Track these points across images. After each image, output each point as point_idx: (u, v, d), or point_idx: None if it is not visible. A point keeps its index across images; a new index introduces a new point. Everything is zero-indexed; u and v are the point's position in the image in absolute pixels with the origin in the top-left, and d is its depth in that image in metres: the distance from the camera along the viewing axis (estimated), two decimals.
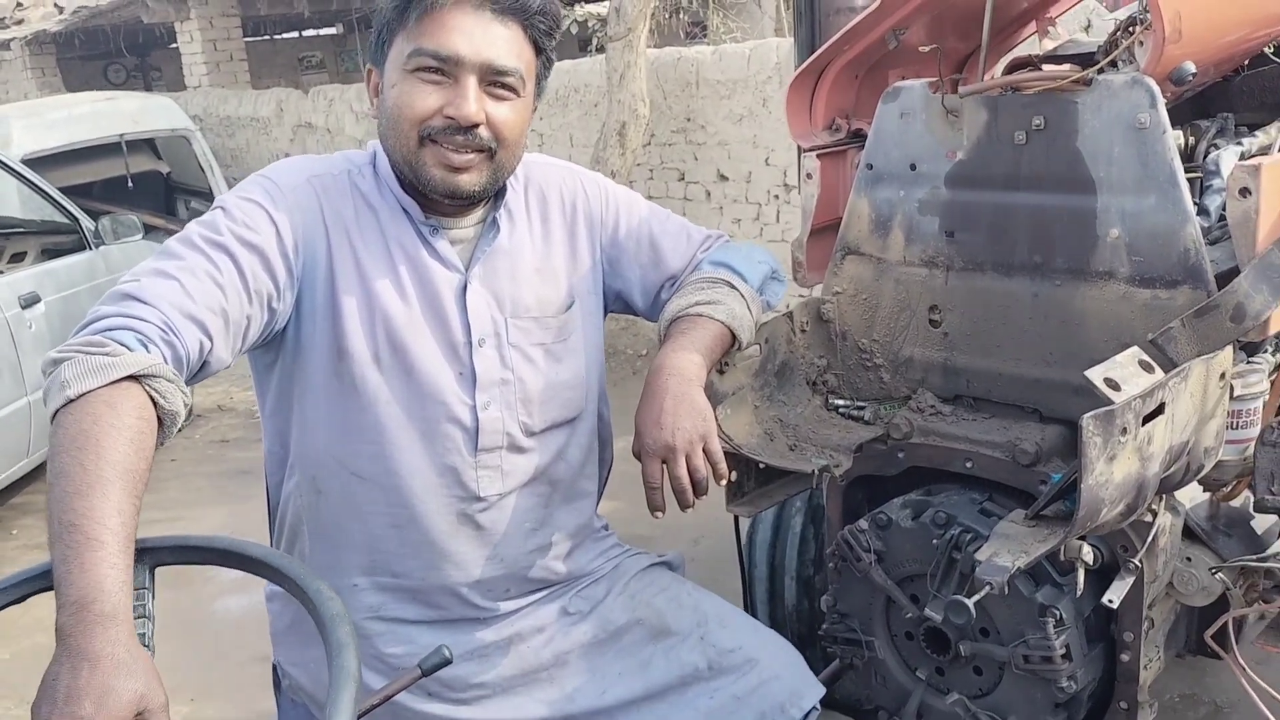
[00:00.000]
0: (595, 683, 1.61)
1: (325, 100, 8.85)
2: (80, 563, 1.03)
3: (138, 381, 1.18)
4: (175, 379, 1.22)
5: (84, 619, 1.00)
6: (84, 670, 0.97)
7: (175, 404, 1.21)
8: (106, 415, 1.13)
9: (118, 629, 1.00)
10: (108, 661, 0.98)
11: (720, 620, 1.67)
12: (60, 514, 1.06)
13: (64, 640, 1.00)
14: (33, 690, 1.01)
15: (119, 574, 1.04)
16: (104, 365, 1.16)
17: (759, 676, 1.62)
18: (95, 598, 1.01)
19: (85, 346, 1.19)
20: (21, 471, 4.55)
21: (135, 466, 1.12)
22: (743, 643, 1.64)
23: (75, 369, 1.16)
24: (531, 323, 1.56)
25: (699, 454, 1.46)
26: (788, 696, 1.62)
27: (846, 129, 2.10)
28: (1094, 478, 1.36)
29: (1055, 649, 1.66)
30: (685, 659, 1.62)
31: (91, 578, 1.02)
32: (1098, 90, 1.64)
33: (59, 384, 1.16)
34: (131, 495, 1.10)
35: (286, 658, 1.63)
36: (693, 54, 6.15)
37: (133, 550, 1.07)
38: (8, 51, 13.00)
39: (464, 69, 1.40)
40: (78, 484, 1.08)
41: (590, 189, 1.68)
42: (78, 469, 1.09)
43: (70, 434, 1.12)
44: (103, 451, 1.10)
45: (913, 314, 1.91)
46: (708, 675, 1.62)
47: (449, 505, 1.52)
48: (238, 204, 1.41)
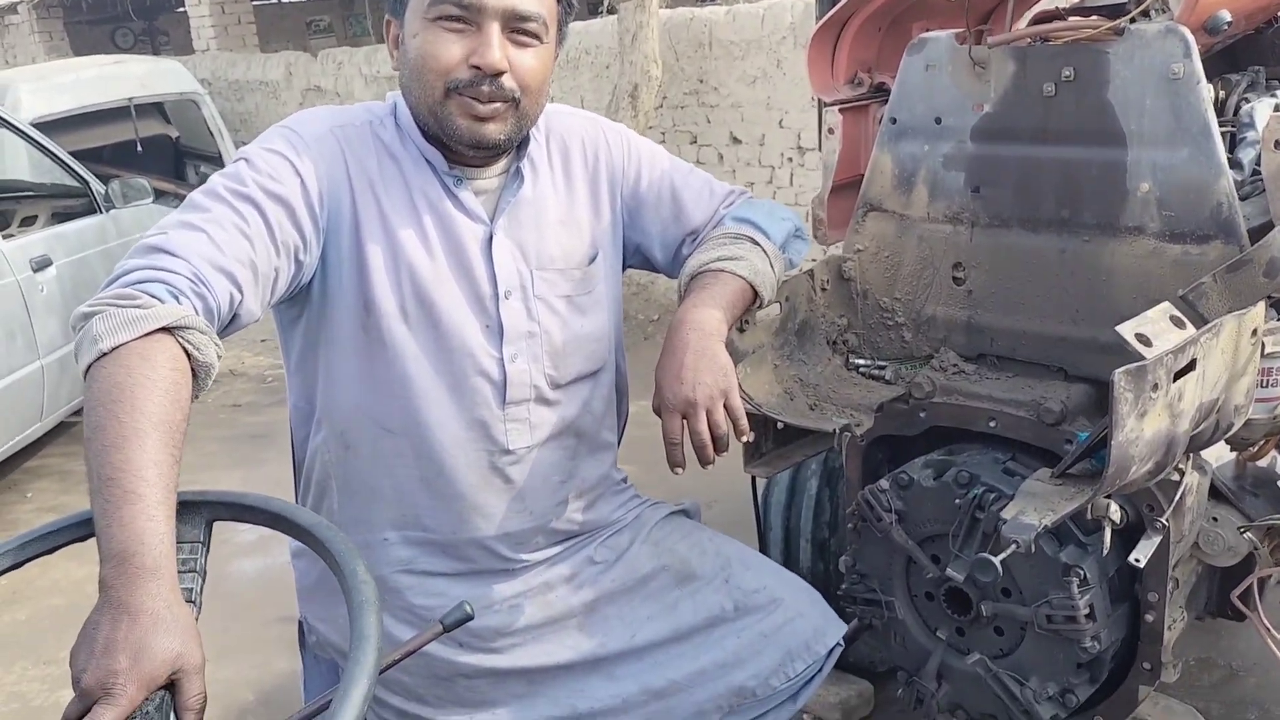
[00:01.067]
0: (625, 627, 1.62)
1: (334, 64, 8.79)
2: (119, 516, 1.02)
3: (170, 333, 1.16)
4: (208, 330, 1.20)
5: (126, 572, 0.99)
6: (123, 623, 0.96)
7: (209, 355, 1.19)
8: (140, 367, 1.11)
9: (159, 583, 0.99)
10: (147, 617, 0.97)
11: (743, 562, 1.69)
12: (98, 468, 1.05)
13: (106, 592, 0.99)
14: (50, 650, 1.01)
15: (159, 526, 1.02)
16: (136, 318, 1.14)
17: (784, 615, 1.65)
18: (136, 550, 1.00)
19: (116, 299, 1.17)
20: (35, 435, 4.56)
21: (171, 418, 1.10)
22: (766, 583, 1.67)
23: (107, 322, 1.14)
24: (556, 274, 1.54)
25: (720, 409, 1.45)
26: (812, 634, 1.66)
27: (869, 83, 2.06)
28: (1124, 434, 1.33)
29: (1079, 609, 1.65)
30: (711, 601, 1.64)
31: (131, 531, 1.01)
32: (1130, 40, 1.61)
33: (90, 338, 1.14)
34: (169, 446, 1.08)
35: (313, 613, 1.63)
36: (706, 14, 6.07)
37: (173, 502, 1.06)
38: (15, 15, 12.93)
39: (486, 16, 1.38)
40: (113, 437, 1.06)
41: (613, 139, 1.65)
42: (113, 422, 1.07)
43: (104, 388, 1.10)
44: (138, 404, 1.09)
45: (936, 271, 1.89)
46: (733, 616, 1.64)
47: (479, 458, 1.51)
48: (261, 155, 1.39)
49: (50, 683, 3.21)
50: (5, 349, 4.21)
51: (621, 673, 1.61)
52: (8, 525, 4.36)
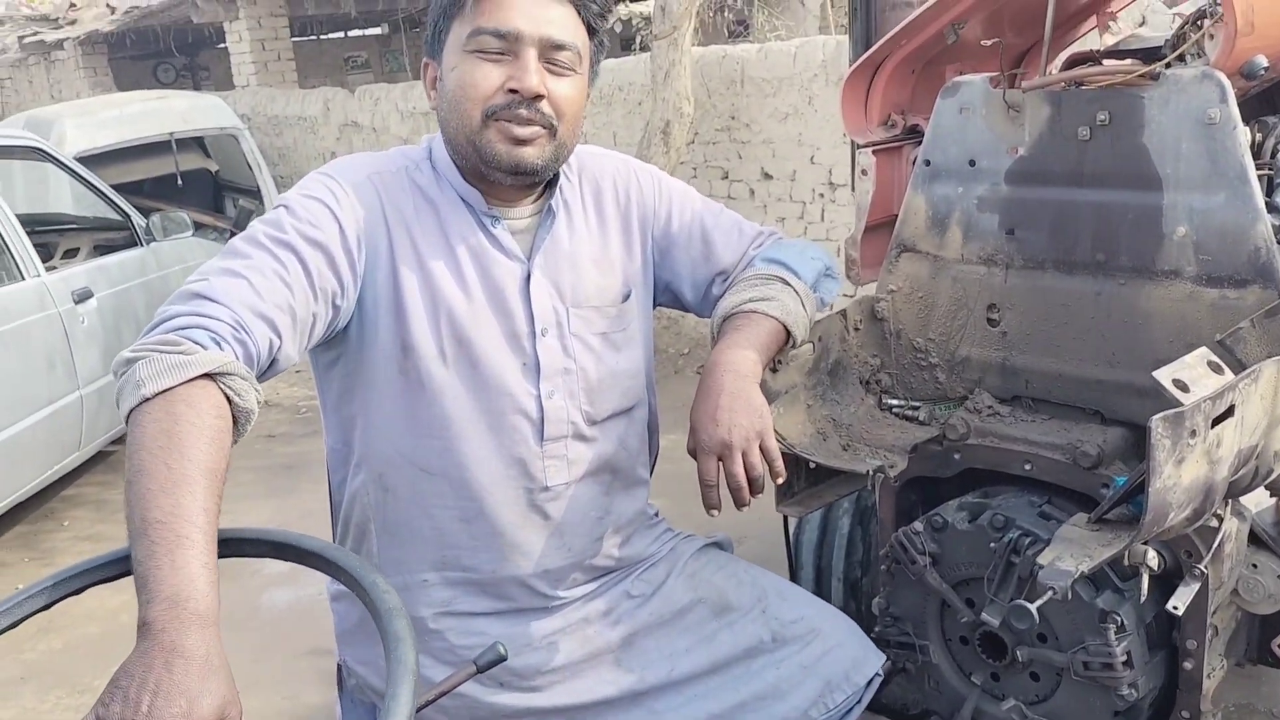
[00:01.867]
0: (663, 660, 1.62)
1: (371, 99, 8.92)
2: (171, 559, 1.02)
3: (213, 380, 1.18)
4: (249, 377, 1.22)
5: (178, 615, 0.98)
6: (178, 667, 0.95)
7: (249, 402, 1.21)
8: (187, 414, 1.13)
9: (212, 630, 0.99)
10: (201, 663, 0.96)
11: (779, 593, 1.69)
12: (144, 510, 1.05)
13: (154, 635, 0.97)
14: (85, 679, 1.00)
15: (210, 574, 1.03)
16: (180, 364, 1.16)
17: (822, 645, 1.64)
18: (190, 595, 1.00)
19: (160, 345, 1.18)
20: (73, 464, 4.62)
21: (216, 465, 1.12)
22: (803, 614, 1.67)
23: (151, 368, 1.15)
24: (592, 312, 1.56)
25: (755, 451, 1.45)
26: (851, 664, 1.64)
27: (902, 125, 2.07)
28: (1162, 481, 1.32)
29: (1116, 655, 1.63)
30: (749, 632, 1.64)
31: (184, 575, 1.01)
32: (1166, 84, 1.61)
33: (134, 383, 1.15)
34: (214, 494, 1.09)
35: (354, 656, 1.63)
36: (738, 52, 6.12)
37: (215, 550, 1.06)
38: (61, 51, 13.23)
39: (524, 44, 1.41)
40: (162, 482, 1.07)
41: (644, 180, 1.67)
42: (162, 468, 1.08)
43: (150, 433, 1.11)
44: (185, 450, 1.10)
45: (970, 313, 1.88)
46: (772, 647, 1.64)
47: (518, 496, 1.52)
48: (301, 202, 1.42)
49: (84, 711, 3.23)
50: (46, 379, 4.28)
51: (662, 706, 1.61)
52: (45, 554, 4.41)
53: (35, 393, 4.21)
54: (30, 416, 4.15)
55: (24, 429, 4.10)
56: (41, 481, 4.36)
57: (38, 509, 4.79)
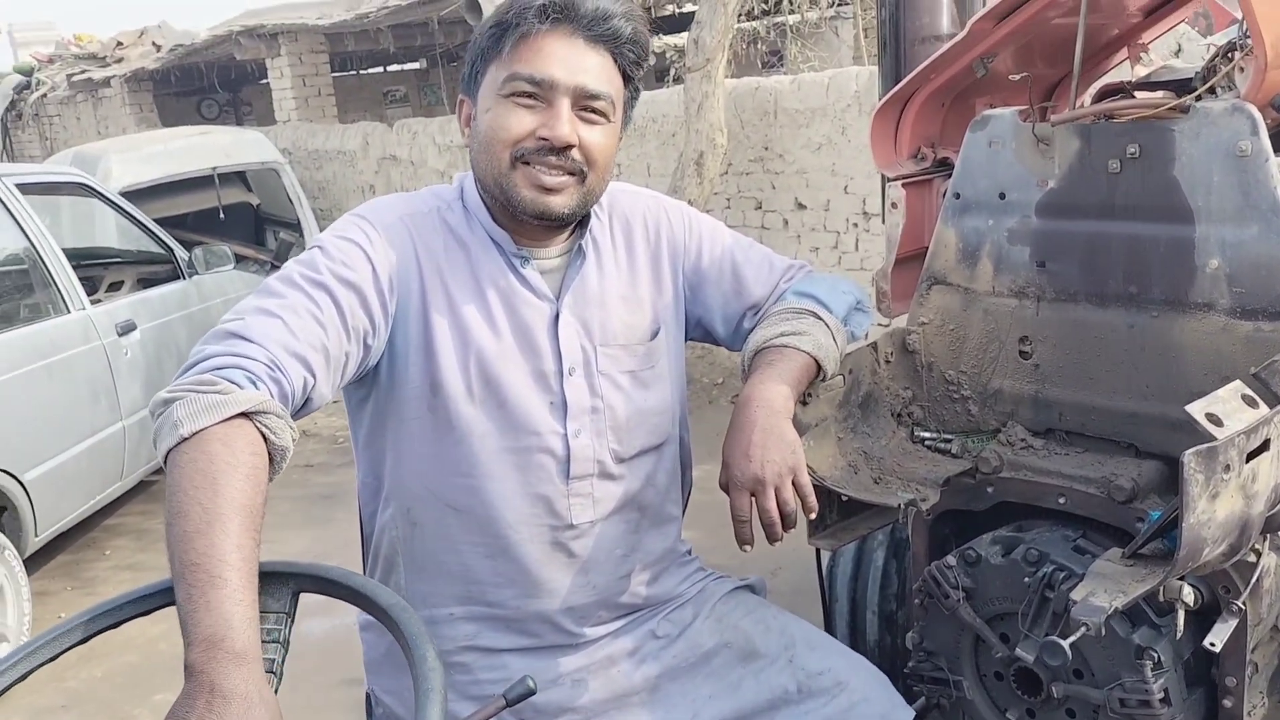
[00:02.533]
0: (686, 706, 1.60)
1: (409, 133, 9.04)
2: (205, 601, 1.04)
3: (249, 419, 1.19)
4: (284, 415, 1.24)
5: (216, 656, 1.00)
6: (218, 705, 0.97)
7: (285, 440, 1.23)
8: (222, 454, 1.14)
9: (250, 668, 1.01)
10: (240, 701, 0.98)
11: (808, 643, 1.67)
12: (182, 553, 1.08)
13: (196, 676, 1.00)
14: (125, 708, 1.03)
15: (245, 610, 1.05)
16: (216, 404, 1.17)
17: (849, 699, 1.61)
18: (225, 634, 1.02)
19: (196, 385, 1.20)
20: (116, 494, 4.69)
21: (252, 503, 1.13)
22: (831, 665, 1.64)
23: (188, 408, 1.17)
24: (620, 350, 1.57)
25: (788, 487, 1.45)
26: (878, 719, 1.61)
27: (932, 158, 2.07)
28: (1196, 516, 1.31)
29: (1153, 693, 1.60)
30: (775, 681, 1.62)
31: (219, 615, 1.03)
32: (1196, 117, 1.60)
33: (171, 423, 1.17)
34: (250, 531, 1.11)
35: (380, 685, 1.65)
36: (771, 83, 6.15)
37: (255, 586, 1.08)
38: (108, 89, 13.55)
39: (558, 92, 1.43)
40: (197, 523, 1.09)
41: (674, 217, 1.68)
42: (197, 508, 1.10)
43: (187, 473, 1.13)
44: (220, 489, 1.11)
45: (1002, 345, 1.88)
46: (797, 698, 1.61)
47: (542, 534, 1.53)
48: (335, 243, 1.44)
49: None
50: (90, 410, 4.37)
51: None
52: (86, 583, 4.47)
53: (79, 423, 4.29)
54: (74, 447, 4.23)
55: (68, 459, 4.18)
56: (84, 511, 4.44)
57: (80, 538, 4.87)
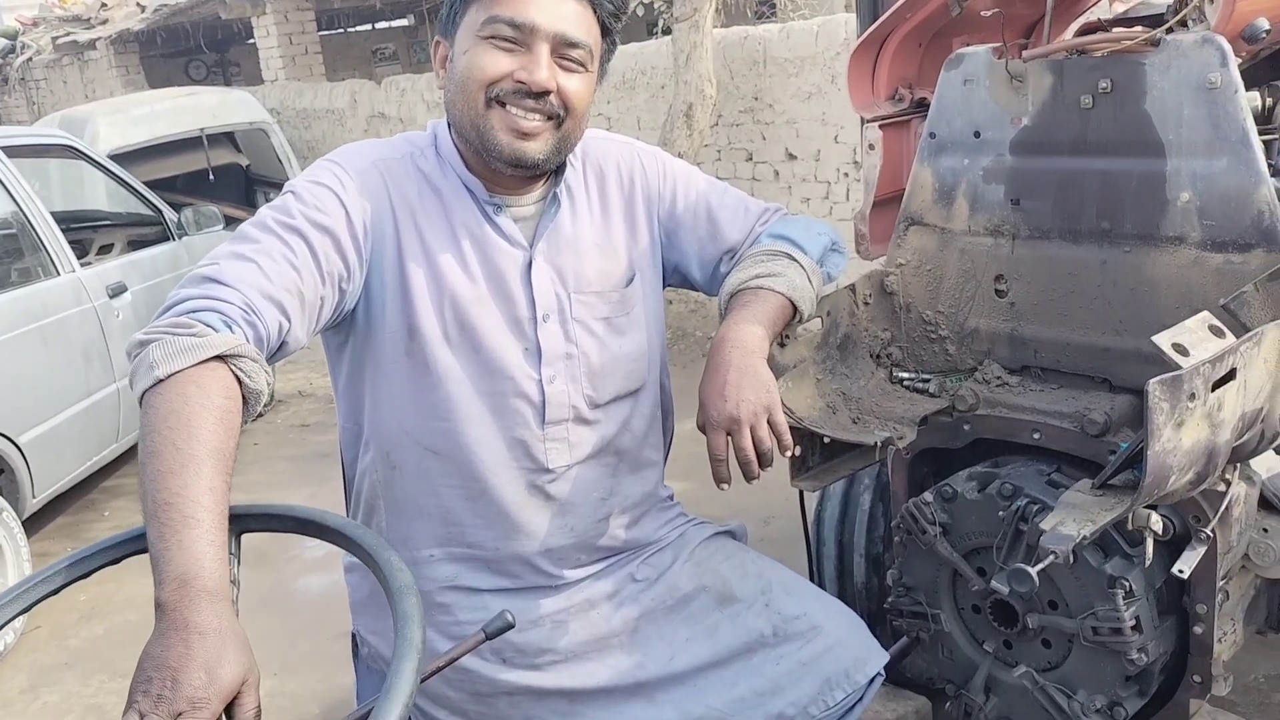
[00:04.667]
0: (664, 649, 1.63)
1: (398, 90, 8.98)
2: (178, 540, 1.05)
3: (224, 361, 1.20)
4: (258, 358, 1.24)
5: (188, 594, 1.02)
6: (194, 641, 0.98)
7: (259, 383, 1.24)
8: (196, 395, 1.15)
9: (222, 604, 1.03)
10: (215, 635, 0.99)
11: (784, 587, 1.69)
12: (155, 492, 1.09)
13: (168, 614, 1.01)
14: (125, 664, 1.03)
15: (216, 550, 1.06)
16: (191, 346, 1.18)
17: (823, 643, 1.64)
18: (197, 573, 1.03)
19: (171, 328, 1.21)
20: (112, 455, 4.72)
21: (225, 445, 1.14)
22: (807, 610, 1.66)
23: (163, 350, 1.18)
24: (594, 297, 1.58)
25: (764, 425, 1.46)
26: (852, 663, 1.64)
27: (909, 99, 2.07)
28: (1161, 444, 1.33)
29: (1125, 621, 1.64)
30: (751, 625, 1.64)
31: (191, 555, 1.04)
32: (1166, 50, 1.60)
33: (146, 365, 1.18)
34: (222, 473, 1.12)
35: (365, 626, 1.68)
36: (760, 32, 6.10)
37: (226, 526, 1.10)
38: (94, 51, 13.42)
39: (537, 37, 1.42)
40: (170, 463, 1.10)
41: (648, 163, 1.68)
42: (170, 449, 1.11)
43: (161, 414, 1.14)
44: (194, 431, 1.12)
45: (978, 284, 1.89)
46: (773, 641, 1.64)
47: (519, 477, 1.55)
48: (308, 188, 1.44)
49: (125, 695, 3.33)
50: (84, 372, 4.38)
51: (662, 697, 1.62)
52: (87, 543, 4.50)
53: (73, 385, 4.31)
54: (69, 409, 4.25)
55: (63, 421, 4.20)
56: (81, 473, 4.46)
57: (79, 500, 4.91)
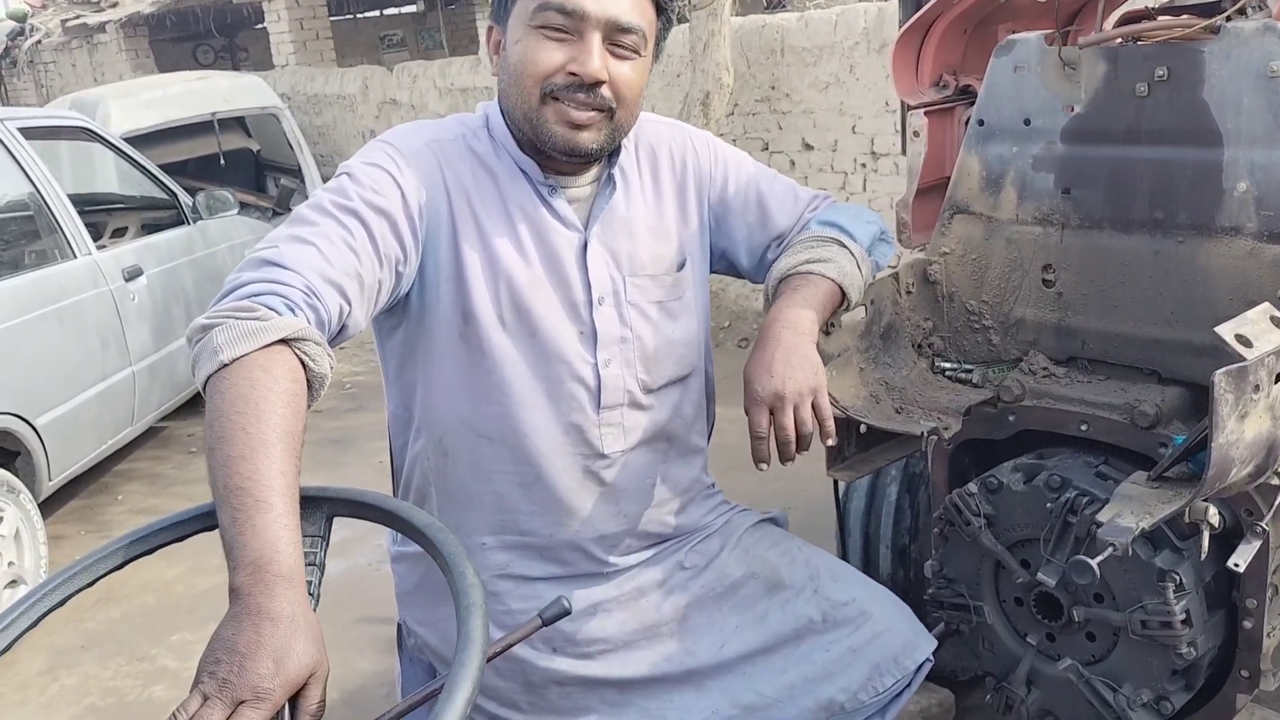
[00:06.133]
0: (714, 636, 1.62)
1: (409, 77, 8.94)
2: (252, 525, 1.03)
3: (288, 345, 1.19)
4: (322, 342, 1.23)
5: (263, 579, 1.00)
6: (265, 628, 0.96)
7: (323, 366, 1.22)
8: (263, 379, 1.14)
9: (296, 590, 1.01)
10: (287, 622, 0.97)
11: (832, 574, 1.68)
12: (226, 478, 1.07)
13: (242, 599, 0.99)
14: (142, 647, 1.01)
15: (290, 534, 1.04)
16: (256, 330, 1.17)
17: (873, 629, 1.63)
18: (272, 558, 1.01)
19: (235, 312, 1.19)
20: (126, 439, 4.70)
21: (293, 429, 1.13)
22: (855, 595, 1.66)
23: (227, 334, 1.16)
24: (648, 280, 1.56)
25: (807, 407, 1.45)
26: (901, 648, 1.64)
27: (954, 85, 2.05)
28: (1225, 436, 1.32)
29: (1175, 614, 1.62)
30: (800, 611, 1.64)
31: (265, 539, 1.02)
32: (1226, 38, 1.58)
33: (211, 349, 1.16)
34: (292, 456, 1.10)
35: (413, 616, 1.66)
36: (777, 21, 6.07)
37: (298, 510, 1.08)
38: (103, 34, 13.37)
39: (589, 25, 1.40)
40: (240, 448, 1.08)
41: (700, 146, 1.67)
42: (240, 433, 1.09)
43: (228, 399, 1.12)
44: (263, 415, 1.11)
45: (1025, 274, 1.87)
46: (822, 628, 1.63)
47: (574, 463, 1.53)
48: (364, 169, 1.42)
49: (144, 678, 3.31)
50: (99, 356, 4.36)
51: (711, 684, 1.61)
52: (100, 526, 4.50)
53: (89, 369, 4.29)
54: (85, 392, 4.23)
55: (79, 404, 4.19)
56: (96, 456, 4.45)
57: (93, 483, 4.89)
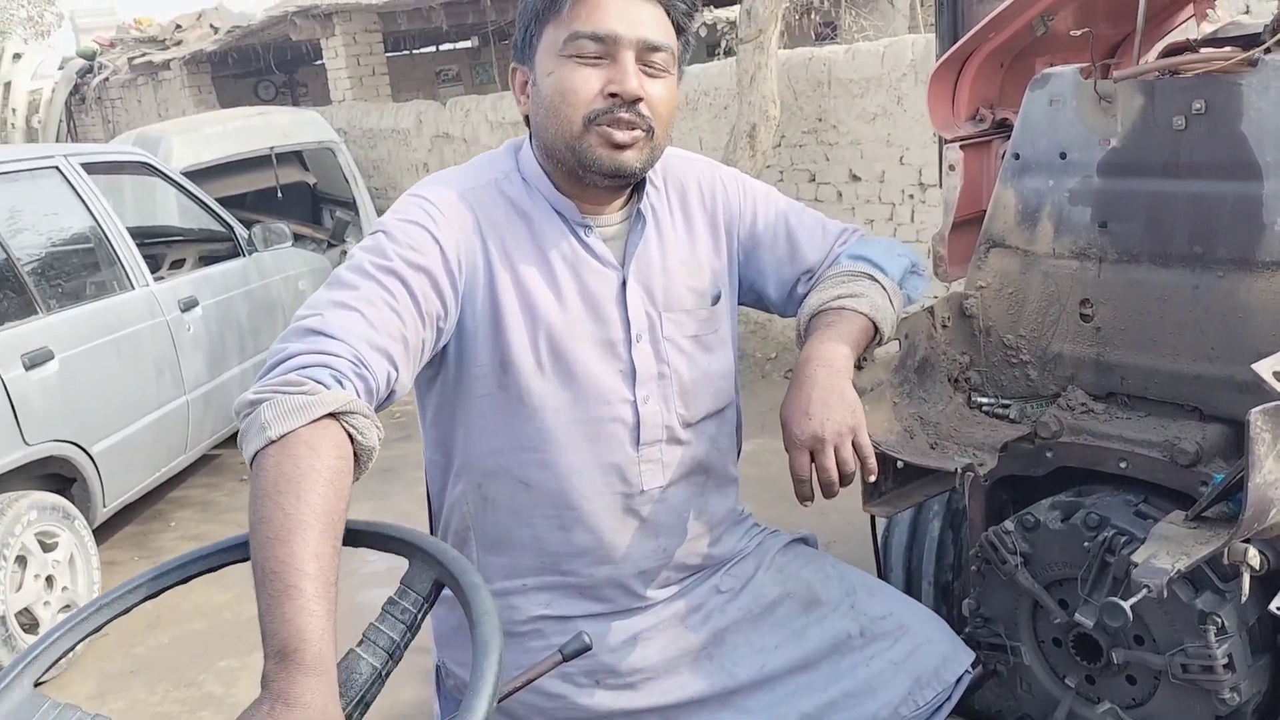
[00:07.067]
0: (754, 656, 1.61)
1: (462, 111, 9.08)
2: (281, 612, 1.03)
3: (336, 419, 1.18)
4: (370, 414, 1.22)
5: (287, 668, 1.00)
6: (279, 711, 0.97)
7: (371, 439, 1.21)
8: (308, 457, 1.12)
9: (318, 679, 1.00)
10: (302, 709, 0.98)
11: (868, 589, 1.68)
12: (262, 561, 1.07)
13: (268, 686, 1.00)
14: (190, 673, 1.05)
15: (318, 621, 1.03)
16: (304, 405, 1.15)
17: (912, 642, 1.63)
18: (298, 647, 1.01)
19: (283, 386, 1.18)
20: (180, 466, 4.80)
21: (333, 508, 1.11)
22: (892, 609, 1.65)
23: (275, 410, 1.15)
24: (684, 315, 1.56)
25: (848, 446, 1.43)
26: (940, 661, 1.63)
27: (991, 119, 2.04)
28: (1262, 475, 1.29)
29: (1216, 658, 1.58)
30: (838, 627, 1.63)
31: (292, 627, 1.02)
32: (1265, 70, 1.56)
33: (258, 425, 1.15)
34: (330, 538, 1.09)
35: (451, 658, 1.66)
36: (825, 53, 6.08)
37: (333, 594, 1.07)
38: (168, 71, 13.76)
39: (622, 46, 1.41)
40: (277, 530, 1.08)
41: (728, 181, 1.68)
42: (278, 514, 1.09)
43: (271, 478, 1.12)
44: (302, 494, 1.10)
45: (1062, 308, 1.85)
46: (860, 643, 1.62)
47: (615, 502, 1.53)
48: (400, 227, 1.42)
49: (190, 704, 3.36)
50: (155, 385, 4.46)
51: (753, 705, 1.60)
52: (153, 552, 4.59)
53: (145, 397, 4.39)
54: (140, 420, 4.33)
55: (134, 432, 4.28)
56: (150, 483, 4.54)
57: (147, 510, 4.99)
